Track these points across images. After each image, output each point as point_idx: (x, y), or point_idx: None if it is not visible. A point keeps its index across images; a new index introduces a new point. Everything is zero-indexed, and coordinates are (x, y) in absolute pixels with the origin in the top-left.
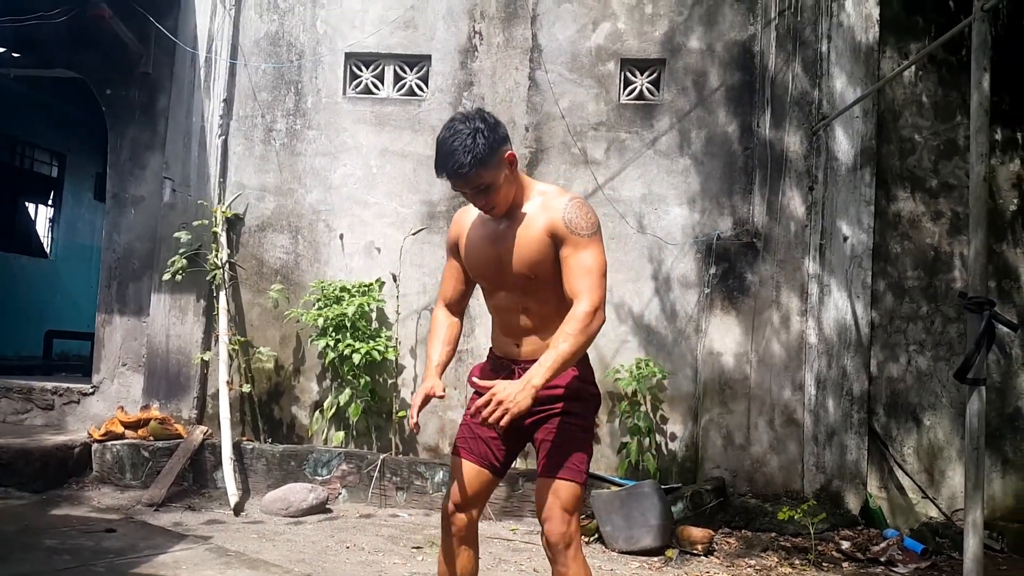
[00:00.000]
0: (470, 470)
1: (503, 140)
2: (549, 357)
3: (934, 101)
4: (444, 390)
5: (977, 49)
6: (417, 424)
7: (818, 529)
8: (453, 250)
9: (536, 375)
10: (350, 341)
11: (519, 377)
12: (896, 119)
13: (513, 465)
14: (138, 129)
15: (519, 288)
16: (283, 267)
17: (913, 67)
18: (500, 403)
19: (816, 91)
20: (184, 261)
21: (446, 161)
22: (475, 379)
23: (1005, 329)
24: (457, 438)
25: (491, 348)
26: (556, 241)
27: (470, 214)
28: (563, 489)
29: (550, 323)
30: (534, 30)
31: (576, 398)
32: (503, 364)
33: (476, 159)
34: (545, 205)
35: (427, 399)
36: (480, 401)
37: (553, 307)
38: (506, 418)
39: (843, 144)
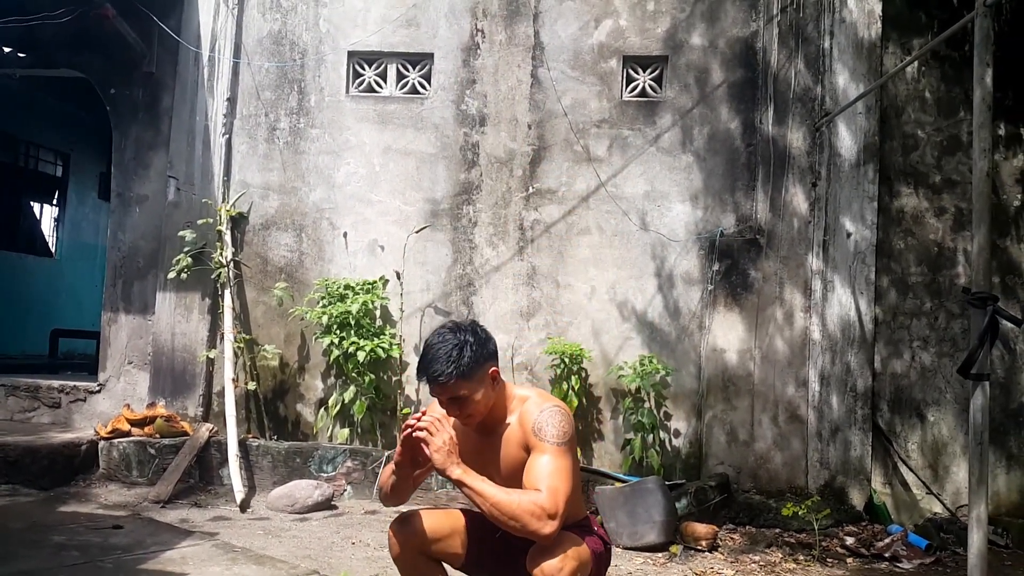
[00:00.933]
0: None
1: (489, 356)
2: (487, 483)
3: (937, 97)
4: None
5: (980, 44)
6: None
7: (822, 525)
8: None
9: (463, 475)
10: (354, 339)
11: (501, 536)
12: (899, 115)
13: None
14: (142, 128)
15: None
16: (287, 265)
17: (916, 63)
18: (434, 439)
19: (819, 87)
20: (189, 259)
21: (428, 366)
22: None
23: (1009, 324)
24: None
25: None
26: (527, 451)
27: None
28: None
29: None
30: (536, 27)
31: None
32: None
33: (457, 370)
34: (522, 419)
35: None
36: (421, 434)
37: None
38: (426, 446)
39: (846, 140)
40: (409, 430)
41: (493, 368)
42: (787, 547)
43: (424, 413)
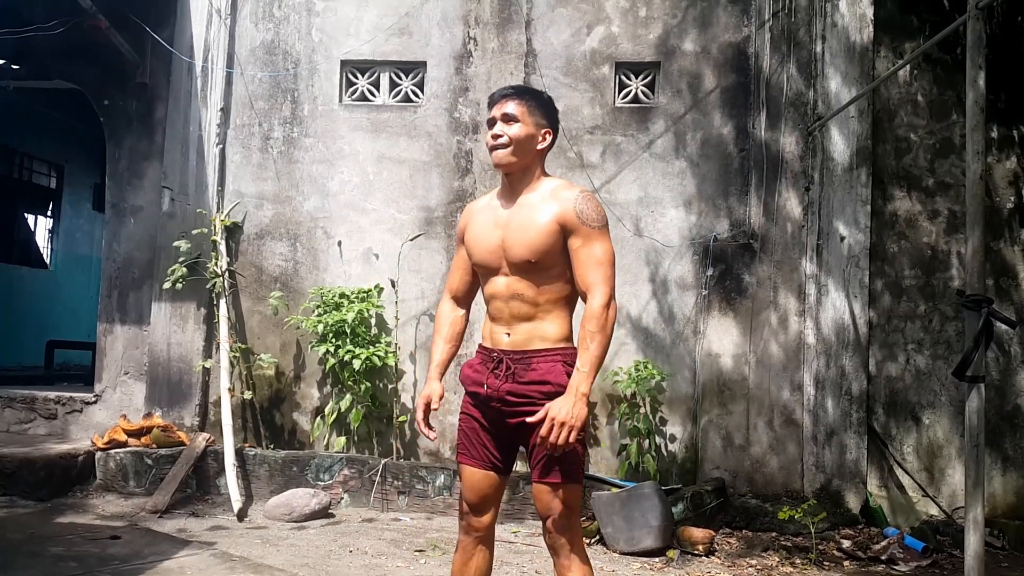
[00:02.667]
0: (476, 475)
1: (553, 120)
2: (585, 361)
3: (929, 100)
4: (442, 396)
5: (972, 47)
6: (432, 428)
7: (819, 528)
8: (462, 238)
9: (581, 383)
10: (350, 347)
11: (506, 368)
12: (891, 119)
13: (515, 468)
14: (136, 139)
15: (517, 273)
16: (282, 274)
17: (908, 66)
18: (562, 424)
19: (811, 92)
20: (184, 270)
21: (502, 88)
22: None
23: (1004, 327)
24: (457, 445)
25: (480, 342)
26: (565, 231)
27: (479, 204)
28: (562, 490)
29: (543, 312)
30: (528, 35)
31: None
32: (492, 357)
33: (526, 95)
34: (555, 194)
35: (427, 407)
36: (543, 431)
37: (548, 296)
38: (574, 433)
39: (839, 144)
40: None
41: (547, 130)
42: (784, 551)
43: (428, 406)
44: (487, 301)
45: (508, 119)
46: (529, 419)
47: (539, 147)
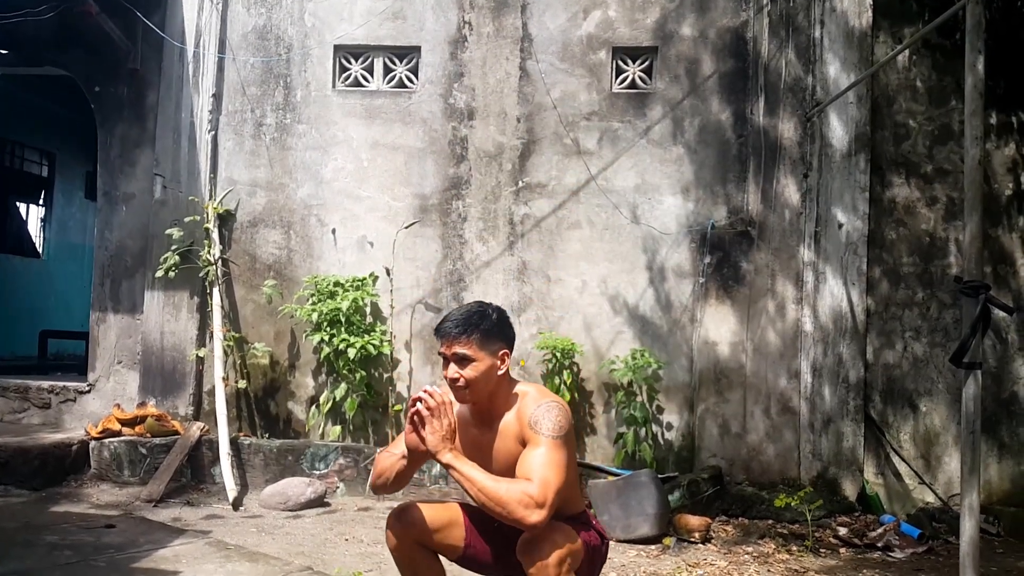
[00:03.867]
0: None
1: (505, 339)
2: (479, 473)
3: (928, 86)
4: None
5: (971, 32)
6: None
7: (815, 516)
8: None
9: (452, 460)
10: (345, 336)
11: (498, 528)
12: (890, 104)
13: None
14: (127, 126)
15: None
16: (276, 262)
17: (907, 52)
18: (431, 420)
19: (809, 77)
20: (177, 258)
21: (445, 319)
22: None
23: (1001, 314)
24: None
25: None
26: (524, 445)
27: (460, 413)
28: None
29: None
30: (524, 19)
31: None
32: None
33: (471, 330)
34: (519, 412)
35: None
36: (435, 401)
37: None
38: (418, 408)
39: (837, 130)
40: (416, 405)
41: (504, 351)
42: (780, 538)
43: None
44: None
45: (460, 360)
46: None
47: (499, 373)
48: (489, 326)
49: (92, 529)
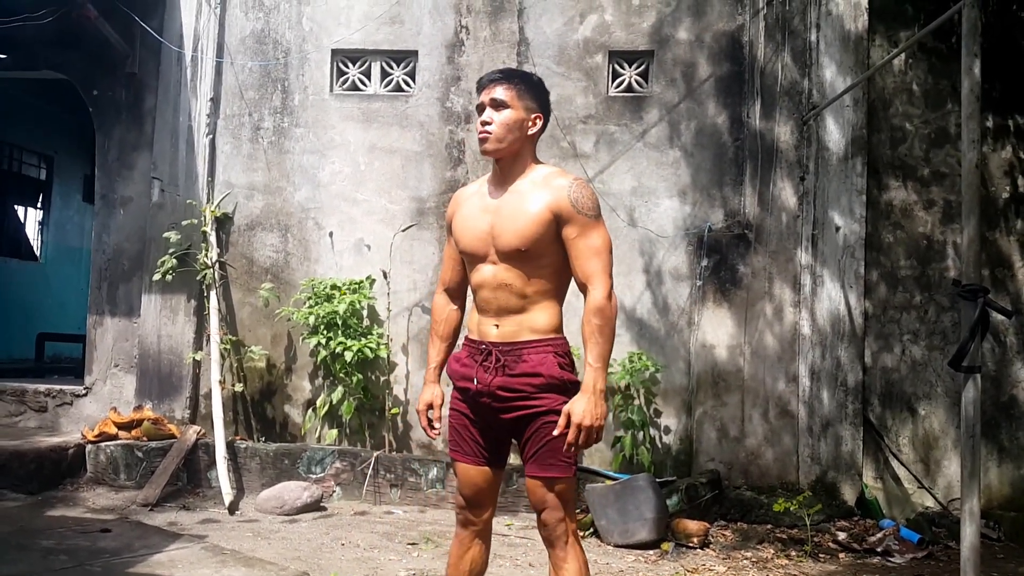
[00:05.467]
0: (470, 471)
1: (544, 105)
2: (596, 356)
3: (924, 89)
4: (443, 400)
5: (967, 35)
6: (436, 429)
7: (814, 520)
8: (451, 227)
9: (597, 380)
10: (342, 339)
11: (496, 361)
12: (887, 108)
13: (508, 461)
14: (125, 129)
15: (506, 262)
16: (273, 266)
17: (903, 55)
18: (589, 427)
19: (806, 81)
20: (174, 261)
21: (490, 72)
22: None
23: (1000, 317)
24: (448, 441)
25: (466, 335)
26: (559, 220)
27: (468, 191)
28: (556, 483)
29: (532, 303)
30: (521, 23)
31: (558, 389)
32: (480, 349)
33: (515, 78)
34: (547, 182)
35: (429, 411)
36: (570, 437)
37: (537, 286)
38: (598, 433)
39: (834, 134)
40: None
41: (538, 114)
42: (779, 543)
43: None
44: (474, 291)
45: (497, 104)
46: (555, 431)
47: (529, 132)
48: (530, 83)
49: (88, 533)
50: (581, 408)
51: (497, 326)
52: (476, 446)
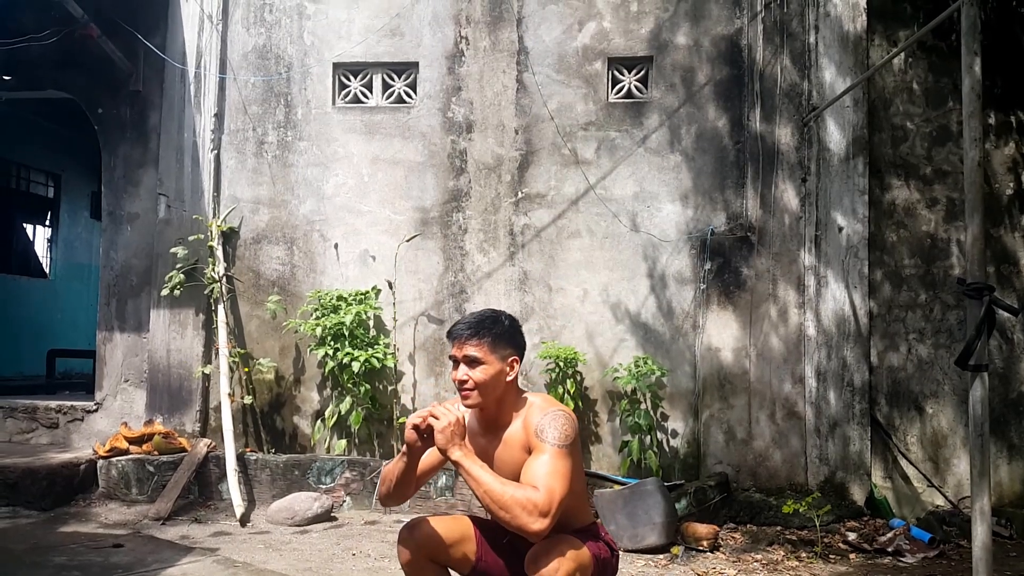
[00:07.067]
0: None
1: (516, 346)
2: (487, 473)
3: (925, 88)
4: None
5: (967, 33)
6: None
7: (824, 521)
8: None
9: (467, 456)
10: (349, 349)
11: (509, 542)
12: (887, 107)
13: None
14: (130, 146)
15: None
16: (279, 278)
17: (903, 54)
18: (431, 416)
19: (805, 82)
20: (181, 276)
21: (458, 323)
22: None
23: (1006, 314)
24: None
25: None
26: (530, 453)
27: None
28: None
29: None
30: (520, 33)
31: (580, 534)
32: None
33: (481, 333)
34: (526, 421)
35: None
36: (439, 411)
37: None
38: (434, 434)
39: (835, 134)
40: (418, 420)
41: (514, 358)
42: (789, 544)
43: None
44: None
45: (470, 362)
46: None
47: (508, 380)
48: (501, 331)
49: (100, 549)
50: (445, 417)
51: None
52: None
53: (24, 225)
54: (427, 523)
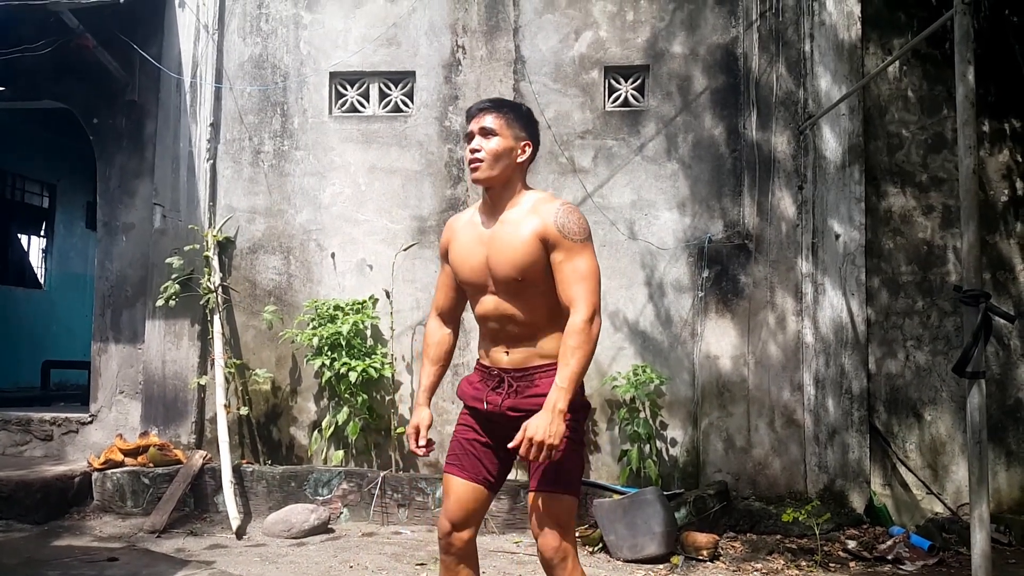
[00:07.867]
0: (463, 487)
1: (533, 135)
2: (564, 377)
3: (920, 95)
4: (431, 424)
5: (960, 42)
6: (427, 447)
7: (823, 529)
8: (445, 256)
9: (559, 399)
10: (346, 359)
11: (508, 386)
12: (882, 115)
13: (515, 476)
14: (126, 156)
15: (506, 292)
16: (276, 288)
17: (897, 63)
18: (540, 443)
19: (801, 91)
20: (177, 286)
21: (481, 100)
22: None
23: (1002, 321)
24: (448, 455)
25: (478, 359)
26: (547, 246)
27: (461, 219)
28: (556, 502)
29: (539, 329)
30: (517, 42)
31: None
32: (491, 374)
33: (504, 107)
34: (535, 208)
35: (417, 435)
36: (522, 451)
37: (541, 313)
38: (553, 452)
39: (831, 142)
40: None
41: (527, 143)
42: (789, 553)
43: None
44: (479, 320)
45: (486, 133)
46: (509, 444)
47: (519, 160)
48: (519, 113)
49: (95, 563)
50: (535, 423)
51: (507, 353)
52: (478, 464)
53: (19, 235)
54: (471, 536)
